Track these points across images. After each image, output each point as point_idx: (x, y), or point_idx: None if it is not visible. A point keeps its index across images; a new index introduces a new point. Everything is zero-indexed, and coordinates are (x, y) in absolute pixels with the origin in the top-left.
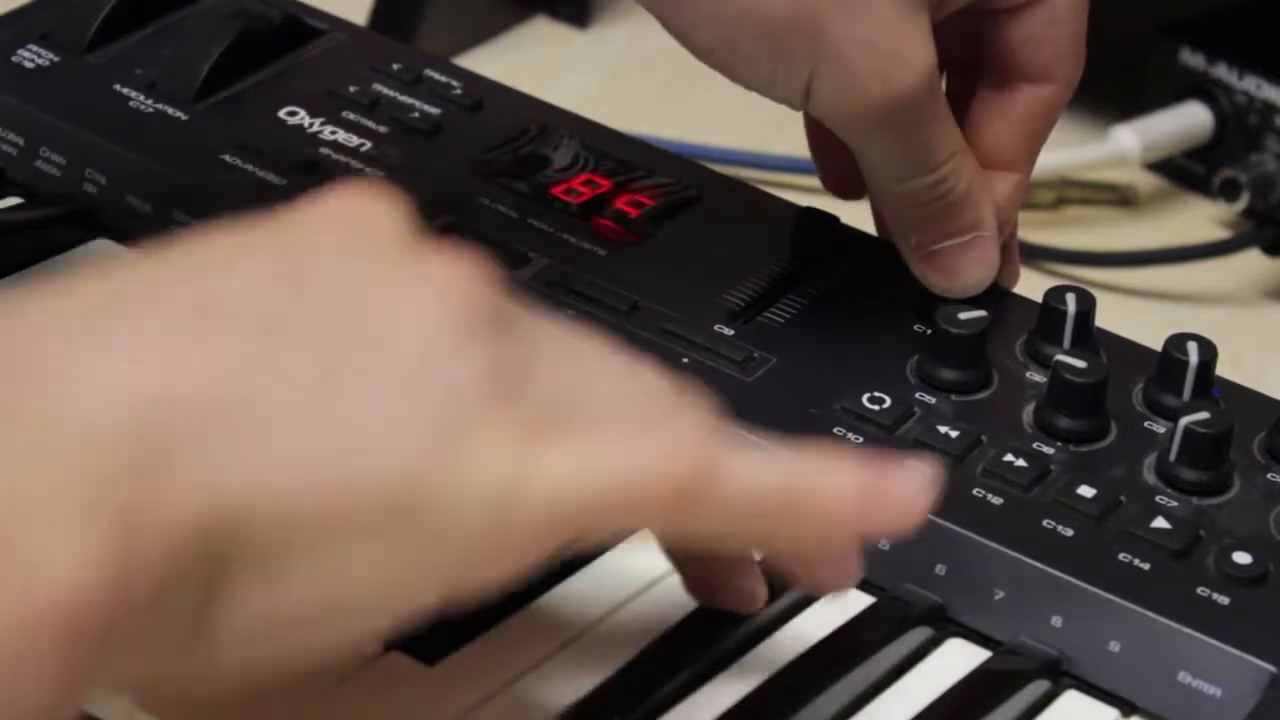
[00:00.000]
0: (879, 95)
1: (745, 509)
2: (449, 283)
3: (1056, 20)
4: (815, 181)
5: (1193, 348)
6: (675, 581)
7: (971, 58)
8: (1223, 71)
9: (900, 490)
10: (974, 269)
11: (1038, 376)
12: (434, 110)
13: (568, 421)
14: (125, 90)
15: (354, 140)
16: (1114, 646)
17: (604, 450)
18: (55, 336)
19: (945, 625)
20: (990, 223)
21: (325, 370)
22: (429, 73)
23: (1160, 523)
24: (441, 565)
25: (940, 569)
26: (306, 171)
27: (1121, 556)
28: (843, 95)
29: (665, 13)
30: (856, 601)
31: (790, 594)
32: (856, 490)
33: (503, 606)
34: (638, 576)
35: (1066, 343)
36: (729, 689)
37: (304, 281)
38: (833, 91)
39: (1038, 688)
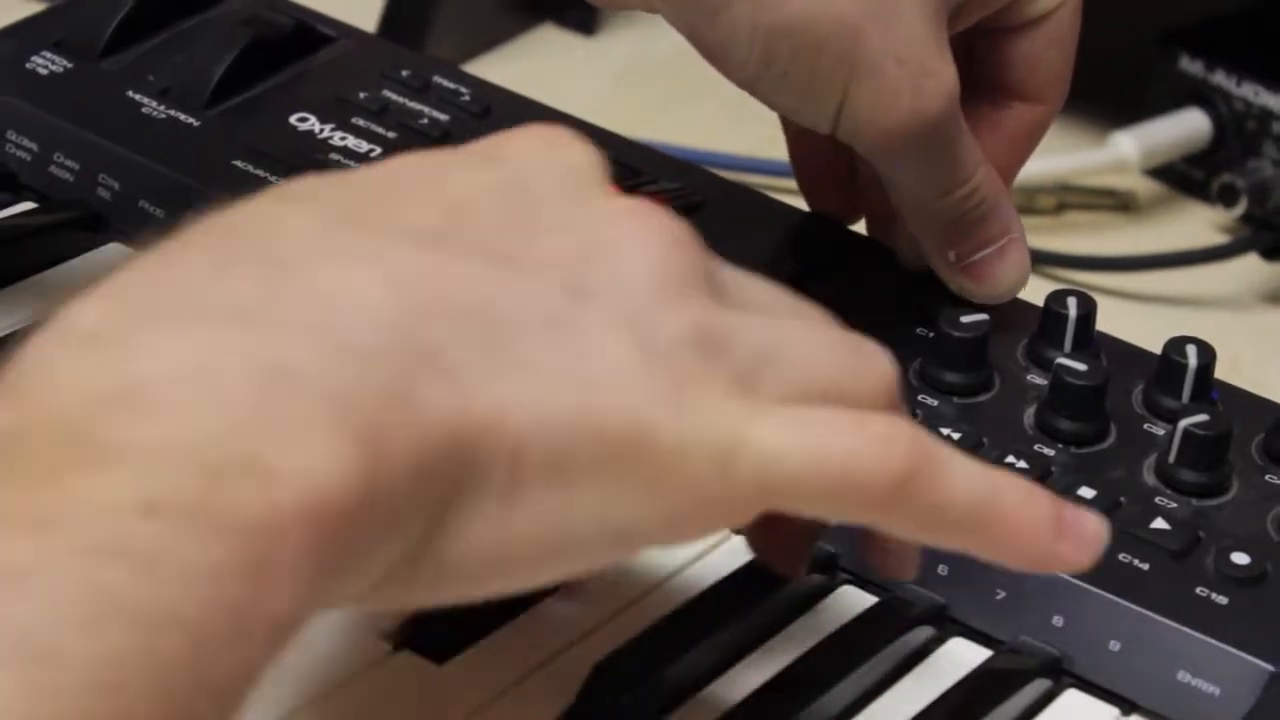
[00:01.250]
0: (912, 110)
1: (949, 516)
2: (662, 223)
3: (1057, 40)
4: None
5: (1192, 351)
6: (678, 582)
7: (965, 73)
8: (1221, 78)
9: (1085, 536)
10: (1012, 272)
11: (1039, 379)
12: (442, 116)
13: (775, 380)
14: (138, 96)
15: (364, 146)
16: (1114, 646)
17: (820, 428)
18: (301, 243)
19: (947, 625)
20: (1018, 224)
21: (564, 302)
22: (438, 79)
23: (1160, 524)
24: (655, 515)
25: (942, 569)
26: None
27: (1121, 557)
28: (877, 112)
29: (699, 30)
30: (860, 601)
31: (787, 593)
32: (1052, 525)
33: (511, 606)
34: (643, 576)
35: (1067, 346)
36: (731, 689)
37: (530, 208)
38: (867, 108)
39: (1038, 686)
